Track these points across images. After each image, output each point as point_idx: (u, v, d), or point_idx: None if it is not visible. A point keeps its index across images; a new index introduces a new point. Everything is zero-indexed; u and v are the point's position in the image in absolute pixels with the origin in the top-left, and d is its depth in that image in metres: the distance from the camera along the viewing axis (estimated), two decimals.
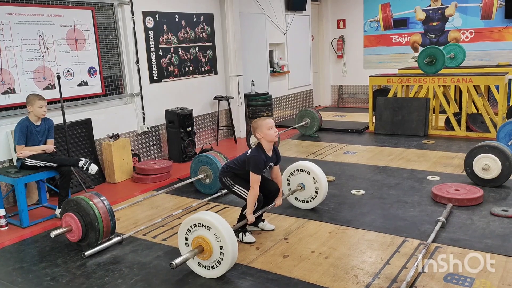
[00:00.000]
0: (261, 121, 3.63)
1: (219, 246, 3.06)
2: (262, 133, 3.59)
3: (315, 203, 4.32)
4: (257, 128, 3.62)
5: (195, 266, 3.24)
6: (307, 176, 4.27)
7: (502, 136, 5.93)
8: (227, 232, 3.06)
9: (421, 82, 7.51)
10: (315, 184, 4.25)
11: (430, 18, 9.95)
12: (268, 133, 3.59)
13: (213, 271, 3.16)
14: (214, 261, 3.12)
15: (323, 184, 4.24)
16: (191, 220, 3.18)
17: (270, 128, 3.59)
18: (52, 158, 4.49)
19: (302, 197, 4.36)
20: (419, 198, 4.54)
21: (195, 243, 3.14)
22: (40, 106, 4.43)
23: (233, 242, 3.07)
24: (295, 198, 4.41)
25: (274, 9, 9.11)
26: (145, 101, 6.42)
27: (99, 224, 3.60)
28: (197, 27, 7.27)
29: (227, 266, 3.10)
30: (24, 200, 4.34)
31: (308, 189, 4.30)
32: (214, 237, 3.06)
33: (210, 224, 3.07)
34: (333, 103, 11.64)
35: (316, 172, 4.25)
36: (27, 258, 3.68)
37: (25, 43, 4.99)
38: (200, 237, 3.12)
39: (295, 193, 4.37)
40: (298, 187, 4.31)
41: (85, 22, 5.58)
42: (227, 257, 3.05)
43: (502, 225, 3.80)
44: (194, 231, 3.16)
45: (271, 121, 3.64)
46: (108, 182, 5.72)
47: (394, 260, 3.29)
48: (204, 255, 3.13)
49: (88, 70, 5.68)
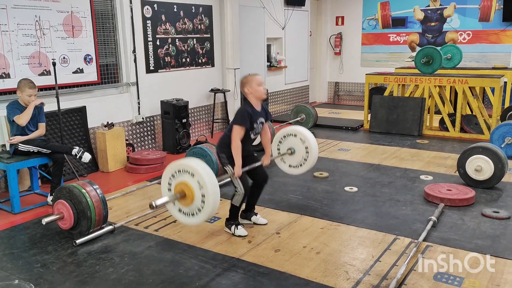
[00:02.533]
0: (251, 77, 3.56)
1: (201, 194, 2.98)
2: (251, 89, 3.52)
3: (307, 167, 4.21)
4: (246, 83, 3.54)
5: (175, 212, 3.17)
6: (296, 139, 4.17)
7: (496, 138, 5.97)
8: (211, 181, 2.97)
9: (417, 81, 7.53)
10: (305, 147, 4.14)
11: (428, 18, 9.96)
12: (257, 89, 3.51)
13: (193, 218, 3.09)
14: (195, 209, 3.04)
15: (313, 146, 4.14)
16: (175, 165, 3.09)
17: (260, 84, 3.52)
18: (45, 144, 4.46)
19: (293, 162, 4.27)
20: (411, 197, 4.56)
21: (178, 188, 3.06)
22: (29, 95, 4.36)
23: (215, 192, 2.98)
24: (288, 165, 4.31)
25: (273, 3, 9.08)
26: (141, 91, 6.39)
27: (91, 212, 3.58)
28: (196, 18, 7.23)
29: (207, 215, 3.03)
30: (16, 186, 4.32)
31: (299, 153, 4.19)
32: (197, 184, 2.98)
33: (194, 171, 2.99)
34: (329, 100, 11.65)
35: (305, 134, 4.15)
36: (18, 244, 3.66)
37: (21, 28, 4.93)
38: (183, 183, 3.04)
39: (287, 159, 4.27)
40: (288, 151, 4.22)
41: (82, 8, 5.53)
42: (208, 206, 2.98)
43: (492, 226, 3.83)
44: (177, 176, 3.07)
45: (261, 78, 3.57)
46: (101, 171, 5.70)
47: (385, 258, 3.31)
48: (186, 201, 3.05)
49: (84, 57, 5.64)
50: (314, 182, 5.09)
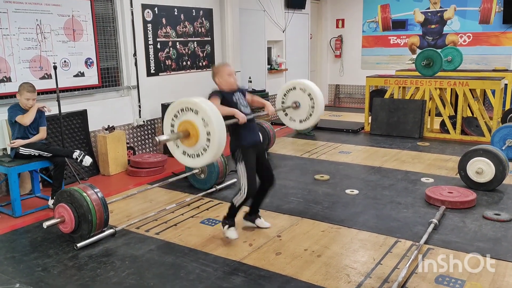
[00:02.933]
0: (221, 67, 3.59)
1: (206, 132, 2.85)
2: (221, 79, 3.55)
3: (312, 121, 4.14)
4: (217, 73, 3.57)
5: (179, 155, 3.05)
6: (303, 93, 4.06)
7: (497, 140, 5.96)
8: (216, 117, 2.86)
9: (417, 84, 7.53)
10: (311, 101, 4.04)
11: (428, 21, 9.97)
12: (228, 80, 3.54)
13: (198, 159, 2.97)
14: (200, 149, 2.92)
15: (319, 100, 4.02)
16: (178, 104, 2.97)
17: (230, 74, 3.54)
18: (46, 147, 4.46)
19: (298, 116, 4.16)
20: (412, 200, 4.56)
21: (181, 127, 2.94)
22: (26, 99, 4.36)
23: (221, 128, 2.86)
24: (291, 119, 4.21)
25: (273, 6, 9.09)
26: (141, 94, 6.39)
27: (92, 216, 3.58)
28: (196, 22, 7.24)
29: (213, 154, 2.90)
30: (17, 189, 4.32)
31: (304, 107, 4.09)
32: (201, 122, 2.86)
33: (199, 107, 2.87)
34: (329, 102, 11.65)
35: (312, 88, 4.05)
36: (19, 248, 3.66)
37: (22, 31, 4.94)
38: (187, 121, 2.91)
39: (291, 113, 4.18)
40: (293, 105, 4.12)
41: (83, 12, 5.54)
42: (214, 144, 2.86)
43: (494, 228, 3.82)
44: (181, 116, 2.95)
45: (231, 68, 3.60)
46: (102, 174, 5.70)
47: (386, 260, 3.31)
48: (190, 141, 2.93)
49: (85, 61, 5.65)
50: (315, 185, 5.09)
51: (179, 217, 4.22)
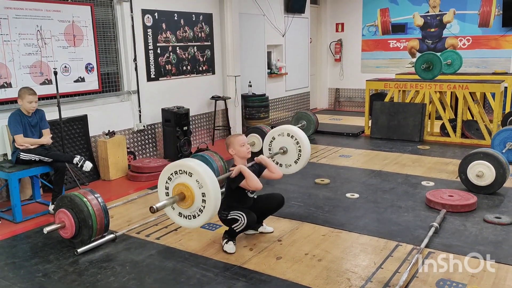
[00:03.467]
0: (233, 138, 3.69)
1: (201, 193, 2.90)
2: (234, 150, 3.64)
3: (298, 167, 4.24)
4: (230, 144, 3.67)
5: (176, 217, 3.09)
6: (290, 139, 4.19)
7: (497, 143, 5.96)
8: (210, 178, 2.91)
9: (417, 87, 7.54)
10: (298, 147, 4.17)
11: (428, 24, 9.99)
12: (240, 150, 3.62)
13: (195, 220, 3.01)
14: (196, 210, 2.97)
15: (306, 147, 4.15)
16: (171, 167, 3.03)
17: (242, 145, 3.63)
18: (47, 152, 4.47)
19: (284, 161, 4.28)
20: (413, 203, 4.55)
21: (176, 190, 2.99)
22: (29, 101, 4.39)
23: (216, 189, 2.91)
24: (286, 165, 4.31)
25: (273, 10, 9.12)
26: (142, 99, 6.41)
27: (92, 221, 3.58)
28: (196, 27, 7.26)
29: (209, 215, 2.95)
30: (17, 195, 4.32)
31: (291, 152, 4.21)
32: (196, 184, 2.91)
33: (192, 170, 2.92)
34: (329, 106, 11.67)
35: (298, 134, 4.17)
36: (19, 254, 3.65)
37: (22, 37, 4.96)
38: (181, 184, 2.96)
39: (278, 158, 4.28)
40: (280, 150, 4.23)
41: (83, 18, 5.56)
42: (209, 205, 2.90)
43: (495, 232, 3.82)
44: (175, 178, 3.01)
45: (243, 138, 3.69)
46: (102, 179, 5.70)
47: (387, 264, 3.30)
48: (186, 203, 2.97)
49: (85, 66, 5.66)
50: (315, 189, 5.09)
51: None
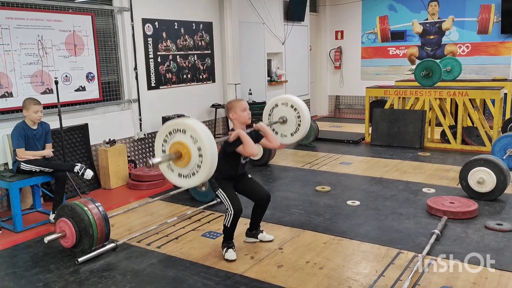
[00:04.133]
0: (235, 102, 3.60)
1: (197, 148, 2.90)
2: (235, 114, 3.54)
3: (297, 136, 4.20)
4: (231, 108, 3.57)
5: (176, 179, 3.10)
6: (292, 111, 4.14)
7: (497, 150, 5.96)
8: (203, 131, 2.92)
9: (417, 94, 7.56)
10: (298, 117, 4.13)
11: (427, 32, 10.03)
12: (241, 115, 3.54)
13: (194, 178, 3.01)
14: (194, 167, 2.97)
15: (305, 116, 4.11)
16: (165, 128, 3.05)
17: (244, 110, 3.54)
18: (47, 163, 4.47)
19: (288, 131, 4.23)
20: (414, 210, 4.55)
21: (172, 150, 3.01)
22: (35, 111, 4.41)
23: (211, 141, 2.92)
24: (282, 135, 4.27)
25: (273, 19, 9.16)
26: (142, 107, 6.42)
27: (93, 230, 3.58)
28: (196, 35, 7.30)
29: (207, 169, 2.94)
30: (18, 204, 4.32)
31: (290, 124, 4.17)
32: (190, 139, 2.92)
33: (185, 126, 2.94)
34: (330, 113, 11.68)
35: (294, 100, 4.13)
36: (20, 263, 3.65)
37: (23, 47, 4.99)
38: (176, 142, 2.98)
39: (280, 129, 4.24)
40: (280, 120, 4.19)
41: (84, 27, 5.59)
42: (206, 158, 2.90)
43: (496, 239, 3.81)
44: (170, 139, 3.02)
45: (245, 103, 3.60)
46: (103, 188, 5.70)
47: (388, 272, 3.29)
48: (183, 161, 2.98)
49: (86, 75, 5.68)
50: (316, 196, 5.08)
51: (180, 230, 4.21)
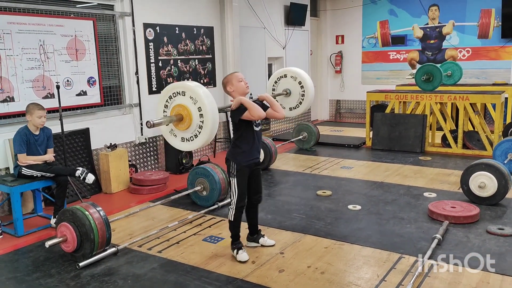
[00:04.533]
0: (231, 75, 3.59)
1: (197, 108, 2.91)
2: (232, 87, 3.53)
3: (302, 108, 4.18)
4: (227, 82, 3.56)
5: (179, 143, 3.12)
6: (293, 81, 4.13)
7: (498, 154, 5.96)
8: (202, 91, 2.93)
9: (418, 99, 7.57)
10: (302, 89, 4.12)
11: (427, 36, 10.05)
12: (239, 85, 3.53)
13: (197, 139, 3.03)
14: (196, 128, 2.98)
15: (309, 88, 4.09)
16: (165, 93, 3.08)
17: (240, 80, 3.54)
18: (49, 168, 4.47)
19: (288, 104, 4.21)
20: (415, 215, 4.54)
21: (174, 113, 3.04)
22: (39, 116, 4.43)
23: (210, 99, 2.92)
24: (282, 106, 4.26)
25: (273, 23, 9.19)
26: (143, 112, 6.43)
27: (94, 234, 3.58)
28: (197, 40, 7.32)
29: (209, 129, 2.95)
30: (19, 209, 4.32)
31: (294, 94, 4.15)
32: (190, 100, 2.93)
33: (184, 88, 2.96)
34: (330, 118, 11.69)
35: (303, 76, 4.12)
36: (21, 268, 3.64)
37: (25, 52, 5.00)
38: (177, 105, 3.01)
39: (282, 101, 4.22)
40: (284, 92, 4.18)
41: (86, 32, 5.61)
42: (207, 118, 2.91)
43: (498, 243, 3.80)
44: (171, 103, 3.04)
45: (240, 74, 3.60)
46: (104, 192, 5.70)
47: (390, 277, 3.28)
48: (185, 123, 2.99)
49: (87, 80, 5.70)
50: (317, 201, 5.08)
51: (181, 235, 4.21)
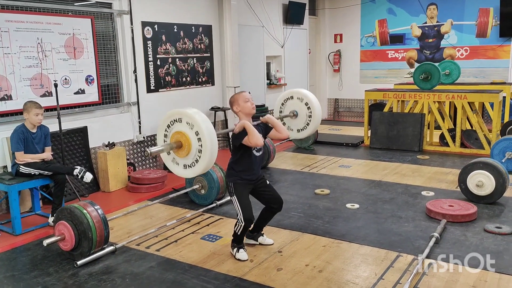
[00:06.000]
0: (237, 95, 3.59)
1: (195, 132, 2.96)
2: (239, 106, 3.54)
3: (309, 130, 4.17)
4: (234, 102, 3.57)
5: (182, 171, 3.18)
6: (300, 103, 4.12)
7: (496, 153, 5.97)
8: (197, 114, 2.99)
9: (416, 97, 7.57)
10: (309, 110, 4.10)
11: (426, 35, 10.06)
12: (245, 106, 3.53)
13: (198, 164, 3.07)
14: (196, 153, 3.03)
15: (316, 109, 4.09)
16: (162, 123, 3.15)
17: (247, 101, 3.54)
18: (46, 166, 4.47)
19: (296, 126, 4.20)
20: (413, 213, 4.55)
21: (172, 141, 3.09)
22: (36, 114, 4.42)
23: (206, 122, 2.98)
24: (289, 128, 4.26)
25: (272, 22, 9.18)
26: (141, 110, 6.43)
27: (92, 233, 3.57)
28: (196, 38, 7.31)
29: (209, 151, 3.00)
30: (17, 207, 4.31)
31: (301, 116, 4.14)
32: (187, 126, 2.99)
33: (180, 114, 3.02)
34: (329, 117, 11.70)
35: (309, 98, 4.10)
36: (19, 266, 3.64)
37: (23, 50, 4.99)
38: (176, 133, 3.06)
39: (289, 122, 4.23)
40: (290, 114, 4.17)
41: (84, 30, 5.60)
42: (205, 141, 2.96)
43: (495, 242, 3.81)
44: (169, 133, 3.10)
45: (247, 94, 3.59)
46: (102, 191, 5.70)
47: (388, 275, 3.29)
48: (185, 149, 3.04)
49: (85, 78, 5.69)
50: (315, 199, 5.08)
51: (179, 233, 4.21)
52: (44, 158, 4.53)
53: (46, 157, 4.56)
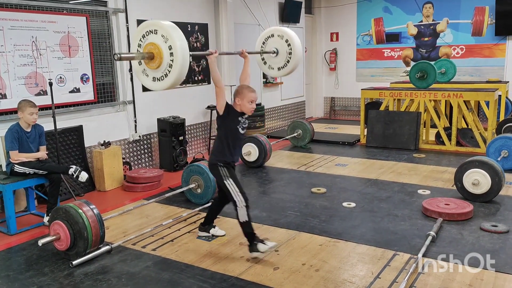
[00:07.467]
0: (247, 91, 3.56)
1: (168, 46, 2.93)
2: (241, 102, 3.54)
3: (289, 68, 4.19)
4: (239, 95, 3.56)
5: (150, 83, 3.15)
6: (281, 40, 4.12)
7: (492, 151, 5.99)
8: (174, 30, 2.96)
9: (412, 96, 7.58)
10: (289, 47, 4.10)
11: (421, 34, 10.08)
12: (247, 106, 3.54)
13: (167, 79, 3.05)
14: (166, 67, 3.00)
15: (296, 46, 4.07)
16: (138, 31, 3.12)
17: (251, 102, 3.54)
18: (41, 165, 4.44)
19: (276, 64, 4.22)
20: (409, 212, 4.55)
21: (145, 51, 3.07)
22: (30, 113, 4.39)
23: (180, 37, 2.96)
24: (270, 67, 4.30)
25: (268, 20, 9.16)
26: (137, 109, 6.40)
27: (88, 232, 3.55)
28: (192, 37, 7.28)
29: (179, 67, 2.97)
30: (12, 207, 4.28)
31: (282, 54, 4.15)
32: (161, 39, 2.96)
33: (156, 26, 2.99)
34: (325, 115, 11.70)
35: (290, 35, 4.10)
36: (14, 266, 3.61)
37: (17, 48, 4.95)
38: (148, 44, 3.03)
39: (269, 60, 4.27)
40: (271, 51, 4.17)
41: (79, 29, 5.57)
42: (177, 56, 2.93)
43: (491, 240, 3.82)
44: (143, 43, 3.08)
45: (255, 96, 3.58)
46: (98, 190, 5.67)
47: (384, 274, 3.29)
48: (156, 62, 3.01)
49: (80, 77, 5.65)
50: (311, 198, 5.08)
51: (175, 233, 4.19)
52: (39, 157, 4.50)
53: (41, 156, 4.53)
